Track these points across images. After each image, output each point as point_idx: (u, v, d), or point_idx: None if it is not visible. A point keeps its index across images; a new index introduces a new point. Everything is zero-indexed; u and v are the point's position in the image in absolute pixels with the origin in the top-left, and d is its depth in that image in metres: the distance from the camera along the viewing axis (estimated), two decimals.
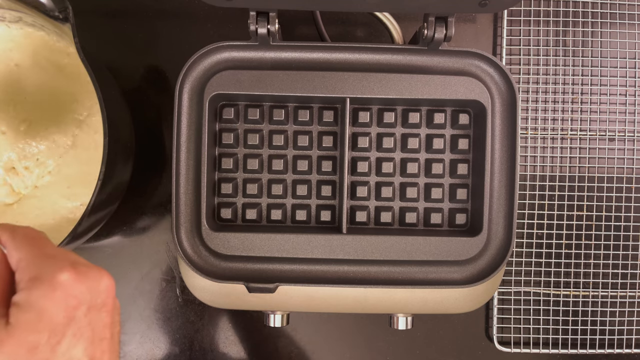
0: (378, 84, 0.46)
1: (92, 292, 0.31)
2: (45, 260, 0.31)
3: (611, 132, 0.57)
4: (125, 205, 0.53)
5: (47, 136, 0.50)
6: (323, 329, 0.57)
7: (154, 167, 0.57)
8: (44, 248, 0.32)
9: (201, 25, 0.56)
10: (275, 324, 0.50)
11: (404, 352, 0.58)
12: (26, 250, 0.31)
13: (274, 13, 0.43)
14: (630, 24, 0.57)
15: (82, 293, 0.30)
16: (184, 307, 0.57)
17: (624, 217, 0.57)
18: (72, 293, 0.30)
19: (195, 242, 0.46)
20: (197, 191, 0.46)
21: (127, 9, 0.57)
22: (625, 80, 0.57)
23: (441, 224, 0.49)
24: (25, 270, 0.31)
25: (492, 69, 0.47)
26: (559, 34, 0.57)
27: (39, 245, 0.32)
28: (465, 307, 0.49)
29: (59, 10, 0.42)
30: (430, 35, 0.44)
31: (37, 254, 0.31)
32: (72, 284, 0.30)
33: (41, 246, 0.32)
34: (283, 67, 0.46)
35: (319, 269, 0.47)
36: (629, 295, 0.57)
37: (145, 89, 0.57)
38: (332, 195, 0.49)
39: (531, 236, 0.57)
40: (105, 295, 0.32)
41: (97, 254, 0.57)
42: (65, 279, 0.30)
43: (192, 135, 0.46)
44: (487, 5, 0.41)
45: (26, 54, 0.49)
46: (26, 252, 0.31)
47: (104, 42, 0.56)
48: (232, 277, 0.46)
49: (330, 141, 0.49)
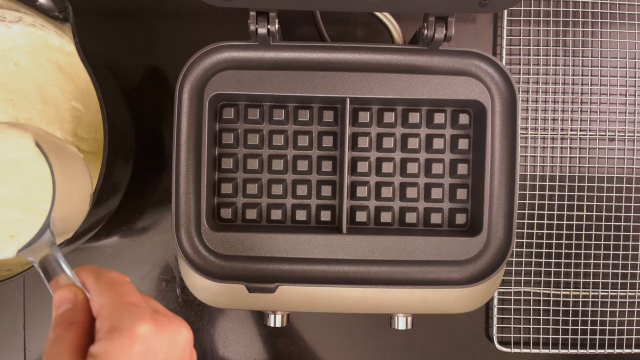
0: (378, 84, 0.46)
1: (170, 345, 0.30)
2: (126, 309, 0.30)
3: (611, 132, 0.57)
4: (125, 205, 0.53)
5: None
6: (323, 329, 0.57)
7: (154, 167, 0.57)
8: (126, 295, 0.31)
9: (201, 25, 0.56)
10: (275, 324, 0.50)
11: (404, 352, 0.58)
12: (108, 296, 0.31)
13: (274, 13, 0.43)
14: (630, 24, 0.57)
15: (160, 347, 0.30)
16: (184, 307, 0.57)
17: (624, 217, 0.57)
18: (151, 347, 0.29)
19: (195, 242, 0.46)
20: (197, 191, 0.46)
21: (127, 9, 0.57)
22: (625, 80, 0.57)
23: (441, 224, 0.49)
24: (106, 319, 0.30)
25: (492, 69, 0.47)
26: (559, 34, 0.57)
27: (121, 292, 0.31)
28: (465, 307, 0.49)
29: (58, 10, 0.42)
30: (430, 35, 0.44)
31: (119, 301, 0.30)
32: (151, 337, 0.29)
33: (123, 293, 0.31)
34: (283, 67, 0.46)
35: (319, 269, 0.47)
36: (629, 295, 0.57)
37: (145, 89, 0.57)
38: (332, 195, 0.49)
39: (531, 236, 0.57)
40: (183, 349, 0.31)
41: (97, 254, 0.57)
42: (145, 331, 0.29)
43: (192, 135, 0.46)
44: (487, 5, 0.41)
45: (26, 53, 0.49)
46: (108, 299, 0.31)
47: (104, 42, 0.56)
48: (232, 277, 0.46)
49: (330, 141, 0.49)
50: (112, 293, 0.31)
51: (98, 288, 0.31)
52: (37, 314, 0.56)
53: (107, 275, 0.32)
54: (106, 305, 0.31)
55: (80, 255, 0.56)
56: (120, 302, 0.31)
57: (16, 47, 0.49)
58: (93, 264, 0.56)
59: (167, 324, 0.31)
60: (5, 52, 0.49)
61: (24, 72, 0.49)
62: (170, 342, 0.30)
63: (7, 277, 0.41)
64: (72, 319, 0.31)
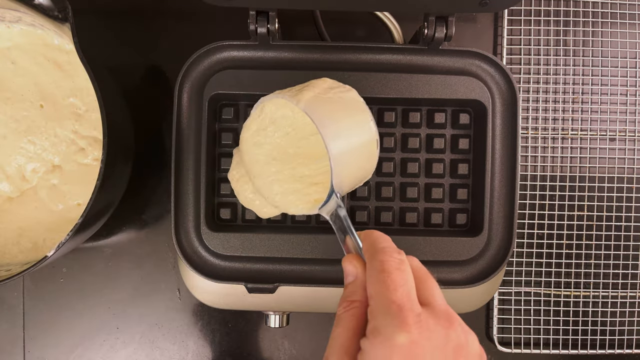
0: (378, 83, 0.46)
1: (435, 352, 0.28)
2: (389, 311, 0.28)
3: (611, 132, 0.57)
4: (125, 205, 0.53)
5: (48, 131, 0.49)
6: (323, 329, 0.57)
7: (154, 167, 0.57)
8: (392, 291, 0.29)
9: (201, 25, 0.56)
10: (275, 324, 0.50)
11: None
12: (375, 289, 0.30)
13: (274, 12, 0.43)
14: (630, 24, 0.57)
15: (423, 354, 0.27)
16: (184, 308, 0.57)
17: (624, 217, 0.57)
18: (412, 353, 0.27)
19: (195, 243, 0.46)
20: (197, 191, 0.46)
21: (127, 9, 0.57)
22: (626, 80, 0.57)
23: (441, 224, 0.49)
24: (371, 316, 0.29)
25: (493, 69, 0.46)
26: (559, 33, 0.57)
27: (388, 286, 0.29)
28: (465, 307, 0.49)
29: (58, 10, 0.42)
30: (430, 34, 0.44)
31: (384, 298, 0.29)
32: (411, 346, 0.27)
33: (391, 287, 0.29)
34: (283, 67, 0.46)
35: (319, 269, 0.47)
36: (629, 296, 0.57)
37: (145, 89, 0.57)
38: None
39: (531, 236, 0.57)
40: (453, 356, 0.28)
41: (97, 254, 0.56)
42: (403, 342, 0.27)
43: (192, 135, 0.46)
44: (488, 5, 0.41)
45: (23, 52, 0.49)
46: (375, 292, 0.30)
47: (104, 42, 0.56)
48: (232, 277, 0.46)
49: None
50: (379, 285, 0.29)
51: (369, 273, 0.30)
52: (36, 314, 0.56)
53: (380, 259, 0.31)
54: (373, 297, 0.29)
55: (80, 255, 0.56)
56: (385, 300, 0.29)
57: (14, 46, 0.49)
58: (93, 264, 0.56)
59: (433, 329, 0.28)
60: (4, 52, 0.49)
61: (22, 70, 0.49)
62: (435, 348, 0.28)
63: (6, 277, 0.41)
64: (352, 296, 0.31)
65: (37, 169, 0.49)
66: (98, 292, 0.56)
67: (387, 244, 0.32)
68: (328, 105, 0.38)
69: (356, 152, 0.38)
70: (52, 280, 0.56)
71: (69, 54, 0.50)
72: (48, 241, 0.49)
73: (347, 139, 0.37)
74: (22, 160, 0.49)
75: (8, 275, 0.41)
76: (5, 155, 0.49)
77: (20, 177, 0.50)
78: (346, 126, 0.38)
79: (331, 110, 0.38)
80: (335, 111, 0.38)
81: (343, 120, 0.38)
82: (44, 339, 0.56)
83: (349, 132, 0.38)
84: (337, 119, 0.37)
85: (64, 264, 0.56)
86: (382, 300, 0.29)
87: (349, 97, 0.40)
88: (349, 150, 0.37)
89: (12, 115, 0.49)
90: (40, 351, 0.56)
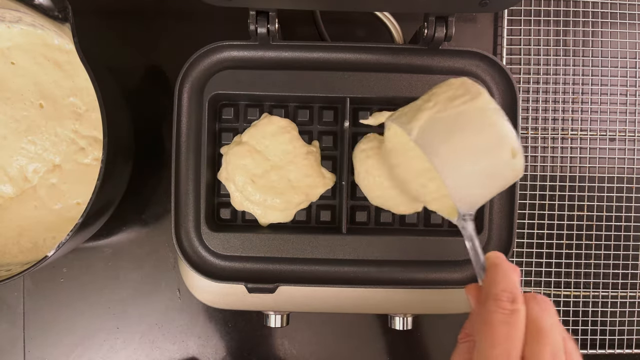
0: (378, 83, 0.46)
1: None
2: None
3: (611, 132, 0.57)
4: (125, 205, 0.53)
5: (49, 130, 0.49)
6: (323, 329, 0.57)
7: (154, 167, 0.57)
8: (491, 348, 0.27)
9: (201, 25, 0.56)
10: (275, 324, 0.50)
11: (404, 352, 0.58)
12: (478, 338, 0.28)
13: (274, 13, 0.43)
14: (630, 24, 0.57)
15: None
16: (184, 307, 0.57)
17: (624, 217, 0.57)
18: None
19: (195, 243, 0.46)
20: (197, 191, 0.46)
21: (127, 9, 0.57)
22: (626, 80, 0.57)
23: (441, 224, 0.49)
24: None
25: (493, 69, 0.46)
26: (559, 33, 0.57)
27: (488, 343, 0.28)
28: (465, 307, 0.49)
29: (58, 10, 0.42)
30: (430, 34, 0.44)
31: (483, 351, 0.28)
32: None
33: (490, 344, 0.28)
34: (283, 67, 0.46)
35: (319, 269, 0.47)
36: (629, 296, 0.57)
37: (145, 89, 0.57)
38: (332, 195, 0.49)
39: (531, 236, 0.57)
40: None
41: (97, 254, 0.56)
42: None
43: (192, 135, 0.46)
44: (488, 5, 0.41)
45: (24, 52, 0.49)
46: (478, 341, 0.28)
47: (104, 42, 0.56)
48: (232, 277, 0.46)
49: (330, 141, 0.49)
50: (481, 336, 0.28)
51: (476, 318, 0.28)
52: (36, 314, 0.56)
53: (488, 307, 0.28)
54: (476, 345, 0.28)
55: (80, 255, 0.56)
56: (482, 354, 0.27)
57: (14, 46, 0.49)
58: (93, 264, 0.56)
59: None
60: (4, 52, 0.49)
61: (22, 70, 0.49)
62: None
63: (6, 277, 0.41)
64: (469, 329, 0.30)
65: (38, 169, 0.49)
66: (98, 292, 0.56)
67: (504, 285, 0.30)
68: (444, 126, 0.35)
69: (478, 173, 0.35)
70: (52, 280, 0.56)
71: (69, 54, 0.50)
72: (48, 241, 0.49)
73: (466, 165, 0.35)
74: (23, 161, 0.49)
75: (8, 275, 0.41)
76: (7, 156, 0.49)
77: (22, 179, 0.50)
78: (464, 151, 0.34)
79: (447, 136, 0.35)
80: (452, 134, 0.35)
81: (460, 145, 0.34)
82: (44, 339, 0.56)
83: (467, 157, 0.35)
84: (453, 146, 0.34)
85: (64, 264, 0.56)
86: (481, 352, 0.28)
87: (473, 108, 0.35)
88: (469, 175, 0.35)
89: (12, 115, 0.49)
90: (40, 351, 0.56)
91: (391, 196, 0.46)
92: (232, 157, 0.46)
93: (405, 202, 0.46)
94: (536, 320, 0.29)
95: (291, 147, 0.47)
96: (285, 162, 0.47)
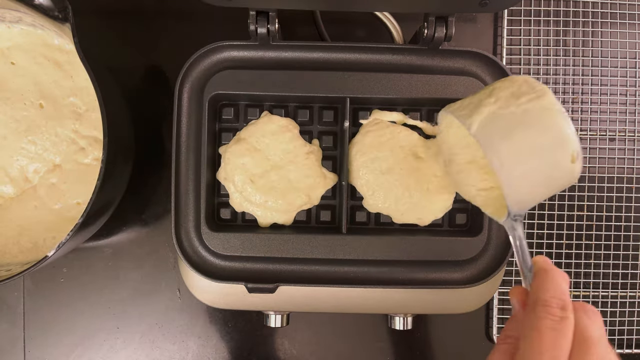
0: (378, 83, 0.46)
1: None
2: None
3: (611, 132, 0.57)
4: (125, 205, 0.53)
5: (49, 130, 0.49)
6: (323, 329, 0.57)
7: (154, 167, 0.57)
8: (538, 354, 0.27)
9: (201, 25, 0.56)
10: (275, 324, 0.50)
11: (404, 352, 0.58)
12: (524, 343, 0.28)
13: (274, 13, 0.43)
14: (630, 24, 0.57)
15: None
16: (184, 307, 0.57)
17: (624, 218, 0.57)
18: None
19: (195, 243, 0.46)
20: (197, 191, 0.46)
21: (127, 9, 0.57)
22: (626, 80, 0.57)
23: (441, 224, 0.49)
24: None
25: (493, 69, 0.46)
26: (559, 33, 0.57)
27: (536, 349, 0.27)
28: (465, 307, 0.49)
29: (58, 10, 0.42)
30: (430, 34, 0.44)
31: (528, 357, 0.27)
32: None
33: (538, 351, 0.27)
34: (283, 67, 0.46)
35: (319, 269, 0.47)
36: (629, 296, 0.57)
37: (145, 89, 0.57)
38: (332, 195, 0.49)
39: (531, 236, 0.57)
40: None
41: (97, 254, 0.56)
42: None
43: (192, 135, 0.46)
44: (488, 5, 0.41)
45: (24, 52, 0.49)
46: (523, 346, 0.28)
47: (104, 42, 0.56)
48: (232, 277, 0.46)
49: (330, 141, 0.49)
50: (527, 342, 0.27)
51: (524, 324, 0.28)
52: (36, 314, 0.56)
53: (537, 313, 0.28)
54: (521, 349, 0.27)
55: (80, 255, 0.56)
56: None
57: (15, 46, 0.49)
58: (93, 264, 0.56)
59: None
60: (4, 52, 0.49)
61: (22, 70, 0.49)
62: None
63: (6, 277, 0.41)
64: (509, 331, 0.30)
65: (39, 169, 0.49)
66: (98, 292, 0.56)
67: (554, 292, 0.29)
68: (506, 123, 0.34)
69: (536, 174, 0.34)
70: (52, 280, 0.56)
71: (69, 54, 0.50)
72: (48, 241, 0.49)
73: (524, 164, 0.34)
74: (24, 162, 0.49)
75: (8, 275, 0.41)
76: (7, 157, 0.49)
77: (23, 179, 0.50)
78: (524, 150, 0.34)
79: (508, 133, 0.34)
80: (513, 132, 0.34)
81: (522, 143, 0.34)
82: (44, 339, 0.56)
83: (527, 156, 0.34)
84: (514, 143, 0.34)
85: (64, 264, 0.56)
86: (526, 358, 0.27)
87: (539, 107, 0.34)
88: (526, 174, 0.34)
89: (12, 115, 0.49)
90: (40, 351, 0.56)
91: (389, 188, 0.46)
92: (231, 155, 0.46)
93: (403, 199, 0.46)
94: (584, 330, 0.29)
95: (292, 146, 0.47)
96: (285, 162, 0.47)
